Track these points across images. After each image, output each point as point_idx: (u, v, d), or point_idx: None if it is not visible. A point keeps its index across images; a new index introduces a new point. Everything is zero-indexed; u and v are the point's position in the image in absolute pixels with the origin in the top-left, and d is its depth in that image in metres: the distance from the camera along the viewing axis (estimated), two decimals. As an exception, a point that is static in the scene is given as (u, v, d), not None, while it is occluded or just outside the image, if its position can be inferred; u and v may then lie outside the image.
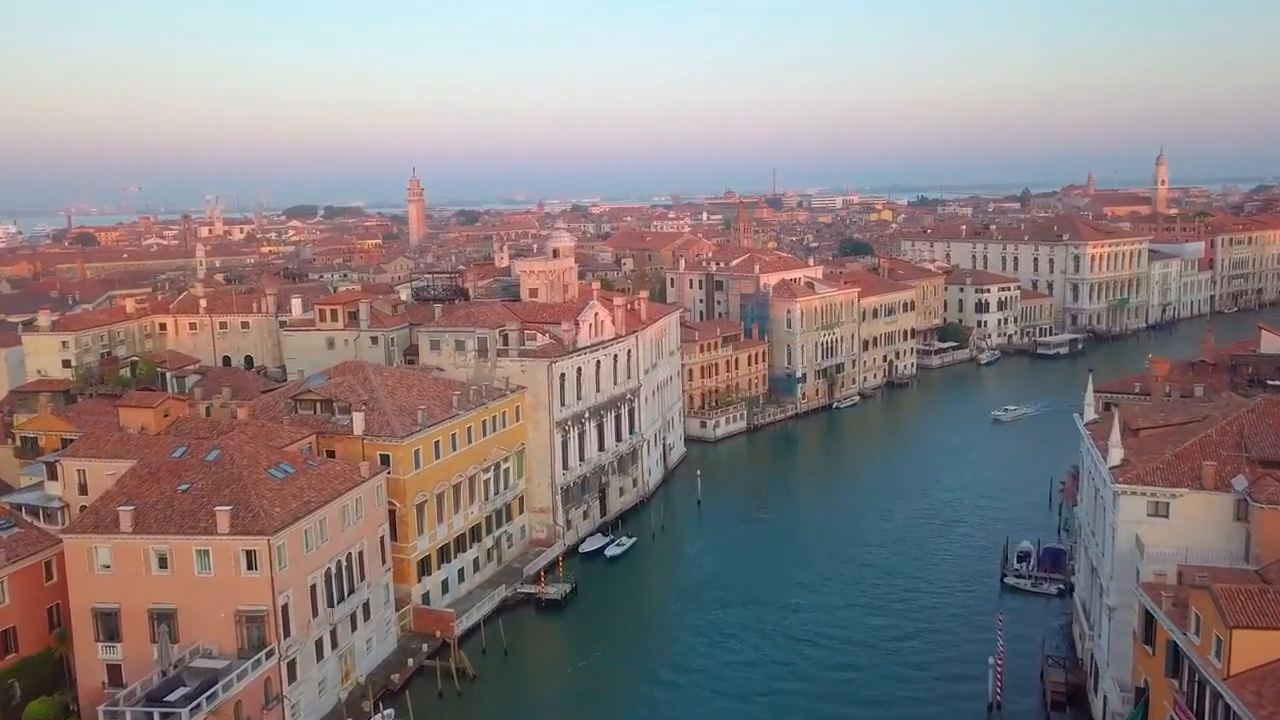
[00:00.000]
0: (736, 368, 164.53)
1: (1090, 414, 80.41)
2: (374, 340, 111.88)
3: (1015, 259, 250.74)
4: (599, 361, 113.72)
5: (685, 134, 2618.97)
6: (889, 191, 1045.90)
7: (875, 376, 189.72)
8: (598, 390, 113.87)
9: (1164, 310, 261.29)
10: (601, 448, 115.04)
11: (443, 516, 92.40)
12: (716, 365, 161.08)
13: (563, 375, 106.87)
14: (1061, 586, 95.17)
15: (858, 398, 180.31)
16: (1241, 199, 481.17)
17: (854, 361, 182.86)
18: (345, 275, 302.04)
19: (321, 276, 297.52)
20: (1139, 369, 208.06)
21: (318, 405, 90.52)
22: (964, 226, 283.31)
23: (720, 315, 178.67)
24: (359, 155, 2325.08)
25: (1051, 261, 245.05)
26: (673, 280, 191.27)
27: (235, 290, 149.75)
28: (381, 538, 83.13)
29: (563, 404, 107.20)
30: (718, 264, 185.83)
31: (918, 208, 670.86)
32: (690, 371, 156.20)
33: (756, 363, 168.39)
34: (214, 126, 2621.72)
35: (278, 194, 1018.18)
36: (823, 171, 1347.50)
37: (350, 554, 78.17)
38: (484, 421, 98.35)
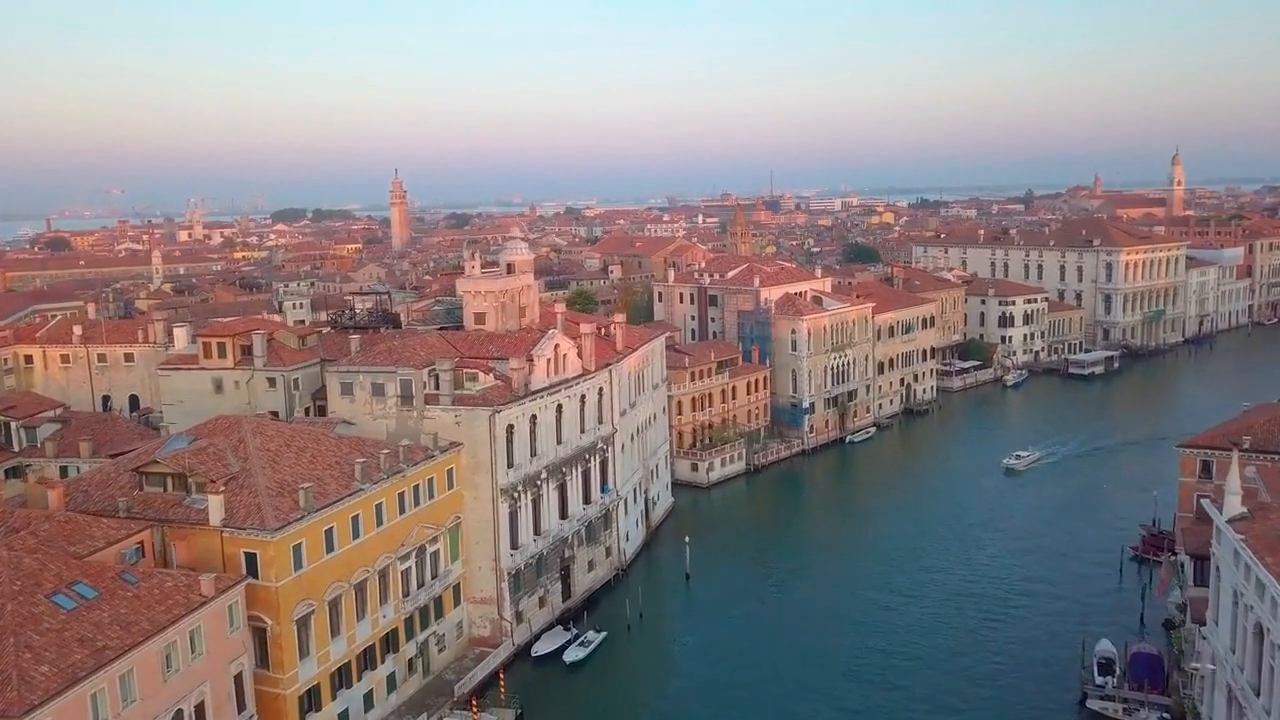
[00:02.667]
0: (734, 398, 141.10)
1: (1235, 504, 56.85)
2: (271, 382, 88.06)
3: (1039, 266, 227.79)
4: (560, 405, 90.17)
5: (683, 136, 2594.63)
6: (887, 193, 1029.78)
7: (892, 403, 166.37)
8: (559, 442, 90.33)
9: (1201, 322, 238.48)
10: (564, 515, 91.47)
11: (339, 628, 68.80)
12: (710, 396, 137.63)
13: (510, 427, 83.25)
14: (1165, 715, 71.67)
15: (873, 429, 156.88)
16: (1274, 201, 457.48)
17: (868, 387, 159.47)
18: (313, 283, 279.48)
19: (286, 285, 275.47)
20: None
21: (168, 481, 66.97)
22: (982, 231, 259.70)
23: (715, 335, 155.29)
24: (356, 158, 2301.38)
25: (1080, 269, 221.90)
26: (661, 294, 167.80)
27: (106, 314, 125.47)
28: (238, 675, 59.58)
29: (510, 464, 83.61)
30: (712, 275, 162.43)
31: (919, 210, 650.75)
32: (679, 404, 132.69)
33: (757, 391, 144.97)
34: (213, 130, 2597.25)
35: (274, 197, 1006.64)
36: (820, 173, 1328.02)
37: (182, 711, 54.64)
38: (402, 494, 74.81)
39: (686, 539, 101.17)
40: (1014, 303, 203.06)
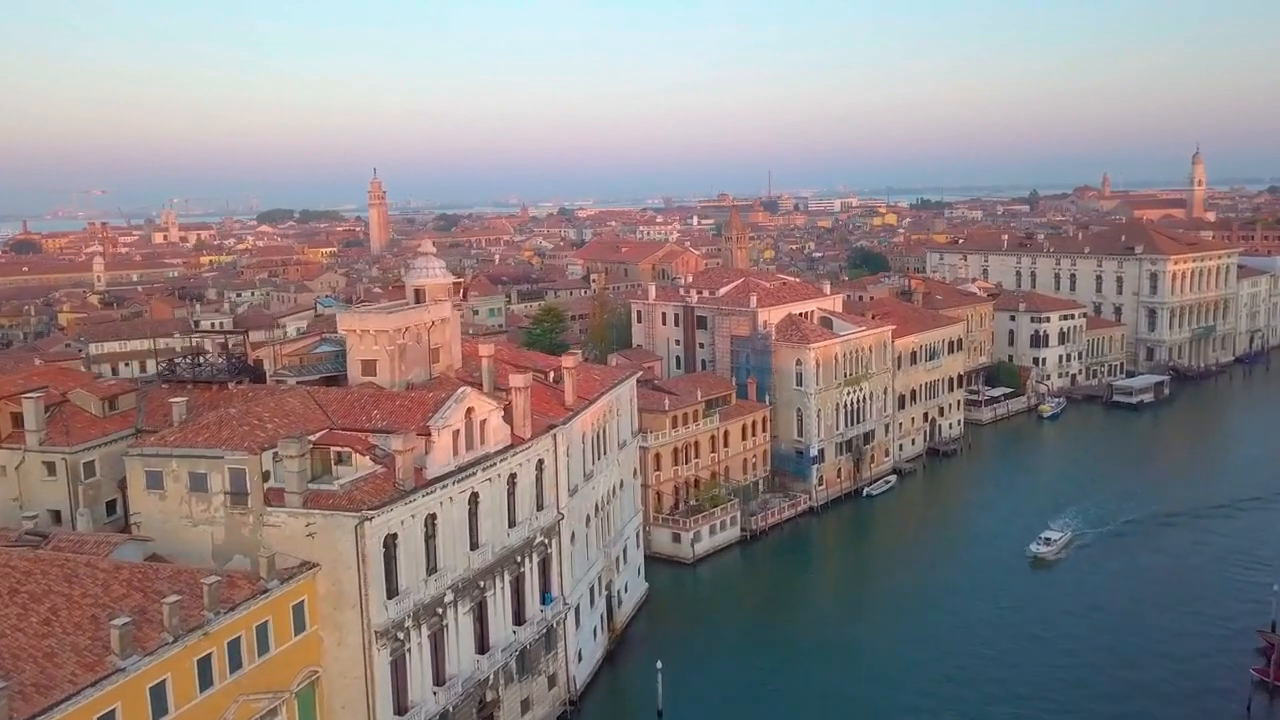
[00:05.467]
0: (726, 445, 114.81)
1: None
2: (51, 470, 61.58)
3: (1071, 276, 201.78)
4: (475, 494, 63.77)
5: (682, 137, 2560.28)
6: (886, 193, 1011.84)
7: (914, 443, 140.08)
8: (473, 547, 63.92)
9: (1252, 339, 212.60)
10: (483, 648, 65.01)
11: None
12: (696, 444, 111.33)
13: (392, 537, 56.85)
14: None
15: (893, 477, 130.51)
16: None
17: (887, 426, 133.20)
18: (268, 292, 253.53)
19: (239, 295, 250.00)
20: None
21: None
22: (1005, 236, 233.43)
23: (704, 365, 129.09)
24: (353, 158, 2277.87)
25: (1120, 280, 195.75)
26: (640, 313, 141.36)
27: (26, 331, 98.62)
28: None
29: (393, 591, 57.18)
30: (700, 292, 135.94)
31: (921, 210, 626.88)
32: (657, 458, 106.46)
33: (754, 435, 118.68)
34: (212, 131, 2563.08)
35: (268, 198, 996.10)
36: (817, 173, 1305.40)
37: None
38: (207, 658, 48.53)
39: (659, 664, 74.47)
40: (1048, 319, 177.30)
